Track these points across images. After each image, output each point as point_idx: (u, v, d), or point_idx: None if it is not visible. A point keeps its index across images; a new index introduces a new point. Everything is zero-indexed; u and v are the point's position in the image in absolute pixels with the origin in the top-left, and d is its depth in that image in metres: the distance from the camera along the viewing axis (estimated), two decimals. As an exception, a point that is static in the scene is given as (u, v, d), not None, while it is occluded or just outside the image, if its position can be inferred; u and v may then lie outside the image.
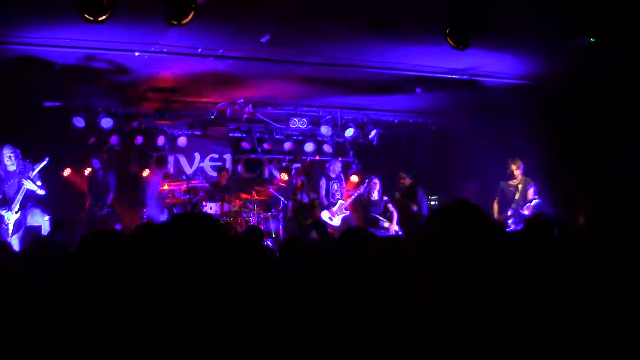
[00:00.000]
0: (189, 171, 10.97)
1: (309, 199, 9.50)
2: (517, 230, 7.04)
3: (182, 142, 10.40)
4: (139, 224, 6.23)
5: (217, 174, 10.52)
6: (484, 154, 8.74)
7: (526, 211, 7.93)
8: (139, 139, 10.13)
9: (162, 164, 10.72)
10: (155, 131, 10.22)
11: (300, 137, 11.03)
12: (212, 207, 9.55)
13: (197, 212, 1.76)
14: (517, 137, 8.36)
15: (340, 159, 10.43)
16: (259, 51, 7.14)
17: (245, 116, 10.03)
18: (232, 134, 11.00)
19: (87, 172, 9.70)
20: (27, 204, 7.31)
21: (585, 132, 8.10)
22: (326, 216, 9.38)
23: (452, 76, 8.22)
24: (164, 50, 7.03)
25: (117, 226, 9.03)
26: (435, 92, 8.91)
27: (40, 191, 7.32)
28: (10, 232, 7.10)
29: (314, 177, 10.45)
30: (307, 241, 5.08)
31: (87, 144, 9.74)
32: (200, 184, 10.21)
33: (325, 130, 10.53)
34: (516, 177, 8.23)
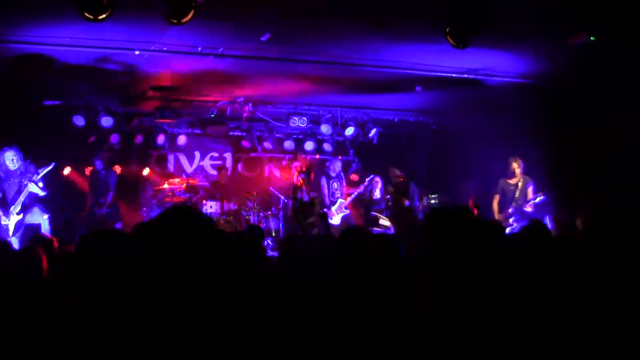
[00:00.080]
0: (189, 170, 10.98)
1: (309, 197, 9.50)
2: (517, 230, 7.03)
3: (182, 140, 10.40)
4: (139, 223, 6.22)
5: (217, 173, 10.53)
6: (484, 153, 8.73)
7: (529, 208, 7.93)
8: (139, 138, 10.13)
9: (161, 162, 10.74)
10: (155, 130, 10.22)
11: (300, 136, 11.02)
12: (212, 206, 9.56)
13: (186, 206, 1.74)
14: (517, 137, 8.36)
15: (340, 157, 10.43)
16: (259, 50, 7.13)
17: (245, 115, 10.04)
18: (232, 133, 11.00)
19: (88, 171, 9.70)
20: (28, 204, 7.31)
21: (585, 132, 8.08)
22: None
23: (452, 75, 8.21)
24: (164, 48, 7.03)
25: (118, 225, 9.04)
26: (435, 91, 8.90)
27: (42, 193, 7.33)
28: (10, 232, 7.10)
29: (314, 176, 10.45)
30: (307, 240, 5.08)
31: (87, 142, 9.74)
32: (200, 183, 10.22)
33: (325, 129, 10.54)
34: (516, 175, 8.24)
